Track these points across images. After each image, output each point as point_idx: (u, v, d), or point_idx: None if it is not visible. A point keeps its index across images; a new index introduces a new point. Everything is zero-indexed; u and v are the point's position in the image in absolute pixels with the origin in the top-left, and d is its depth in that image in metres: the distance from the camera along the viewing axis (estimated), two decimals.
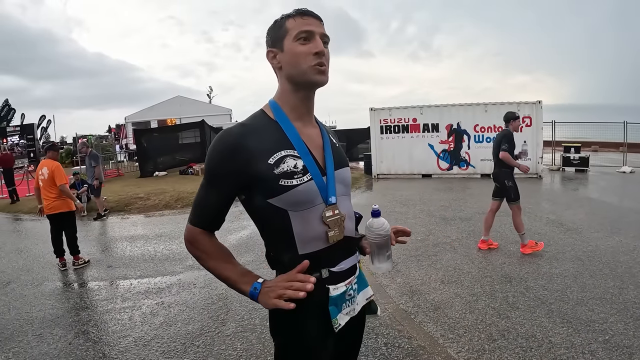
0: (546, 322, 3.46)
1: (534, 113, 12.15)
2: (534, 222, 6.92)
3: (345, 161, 1.41)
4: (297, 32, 1.21)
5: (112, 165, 18.58)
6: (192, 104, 34.33)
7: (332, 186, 1.26)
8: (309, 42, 1.21)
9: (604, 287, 4.13)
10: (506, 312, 3.67)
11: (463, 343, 3.20)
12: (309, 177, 1.20)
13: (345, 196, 1.35)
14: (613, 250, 5.29)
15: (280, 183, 1.17)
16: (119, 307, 4.28)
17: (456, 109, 12.95)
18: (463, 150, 12.96)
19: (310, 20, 1.24)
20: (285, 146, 1.21)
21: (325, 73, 1.25)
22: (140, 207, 9.98)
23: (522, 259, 5.05)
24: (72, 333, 3.75)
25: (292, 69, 1.24)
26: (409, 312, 3.79)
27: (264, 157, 1.18)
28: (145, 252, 6.32)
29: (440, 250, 5.56)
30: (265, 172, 1.17)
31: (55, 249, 5.77)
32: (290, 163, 1.19)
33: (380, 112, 13.66)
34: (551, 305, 3.77)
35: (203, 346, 3.36)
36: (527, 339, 3.20)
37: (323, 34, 1.25)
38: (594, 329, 3.30)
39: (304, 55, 1.21)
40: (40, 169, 5.72)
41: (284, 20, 1.25)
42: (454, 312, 3.73)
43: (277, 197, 1.18)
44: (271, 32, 1.29)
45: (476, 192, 10.16)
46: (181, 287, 4.70)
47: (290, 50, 1.23)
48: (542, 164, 12.69)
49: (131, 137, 26.41)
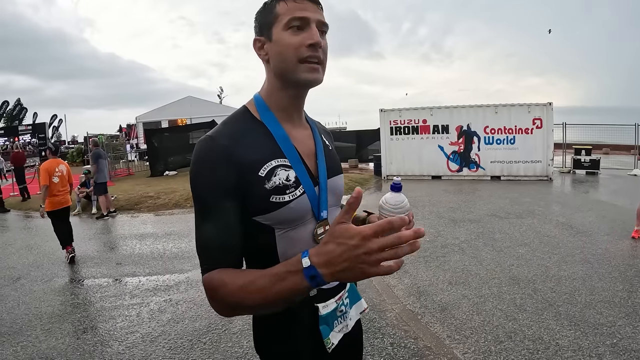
0: (554, 324, 3.44)
1: (544, 115, 12.03)
2: (544, 224, 6.86)
3: (339, 167, 1.25)
4: (288, 19, 1.00)
5: (123, 164, 18.72)
6: (203, 104, 34.48)
7: (324, 199, 1.10)
8: (302, 32, 1.01)
9: (612, 290, 4.10)
10: (513, 314, 3.65)
11: (469, 344, 3.19)
12: (302, 191, 1.04)
13: (335, 207, 1.20)
14: (623, 253, 5.24)
15: (272, 200, 1.00)
16: (127, 304, 4.32)
17: (466, 110, 12.88)
18: (473, 152, 12.88)
19: (306, 4, 1.02)
20: (275, 154, 1.04)
21: (319, 70, 1.04)
22: (150, 206, 10.06)
23: (530, 261, 5.01)
24: (81, 328, 3.81)
25: (280, 63, 1.03)
26: (415, 313, 3.79)
27: (254, 168, 1.00)
28: (154, 250, 6.37)
29: (448, 252, 5.54)
30: (255, 187, 0.99)
31: (63, 240, 6.06)
32: (282, 175, 1.02)
33: (390, 114, 13.63)
34: (559, 308, 3.74)
35: (210, 343, 3.39)
36: (534, 341, 3.18)
37: (320, 22, 1.03)
38: (601, 332, 3.28)
39: (295, 47, 1.00)
40: (57, 166, 5.96)
41: (275, 3, 1.03)
42: (461, 314, 3.72)
43: (265, 215, 1.02)
44: (259, 17, 1.07)
45: (485, 194, 10.09)
46: (189, 285, 4.73)
47: (279, 40, 1.02)
48: (553, 166, 12.58)
49: (142, 137, 26.60)
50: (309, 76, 1.03)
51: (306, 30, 1.01)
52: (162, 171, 16.21)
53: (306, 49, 1.00)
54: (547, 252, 5.36)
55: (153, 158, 16.86)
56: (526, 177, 12.36)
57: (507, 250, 5.49)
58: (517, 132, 12.30)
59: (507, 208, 8.29)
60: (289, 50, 1.01)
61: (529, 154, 12.25)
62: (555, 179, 12.46)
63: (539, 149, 12.16)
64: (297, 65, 1.01)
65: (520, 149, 12.31)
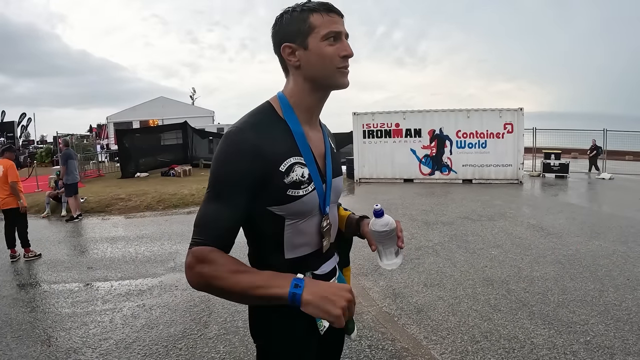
0: (528, 324, 3.51)
1: (515, 120, 12.38)
2: (515, 226, 7.03)
3: (340, 169, 1.38)
4: (326, 32, 1.12)
5: (93, 165, 18.22)
6: (175, 105, 34.09)
7: (329, 196, 1.24)
8: (336, 43, 1.14)
9: (584, 290, 4.22)
10: (488, 314, 3.72)
11: (446, 345, 3.22)
12: (313, 187, 1.17)
13: (334, 204, 1.35)
14: (593, 254, 5.41)
15: (288, 193, 1.12)
16: (100, 309, 4.18)
17: (439, 114, 13.11)
18: (445, 156, 13.12)
19: (337, 18, 1.16)
20: (293, 152, 1.15)
21: (347, 75, 1.19)
22: (121, 208, 9.81)
23: (503, 263, 5.11)
24: (53, 335, 3.66)
25: (316, 71, 1.15)
26: (392, 315, 3.81)
27: (276, 163, 1.11)
28: (126, 253, 6.21)
29: (422, 254, 5.60)
30: (275, 180, 1.11)
31: (7, 241, 6.13)
32: (298, 172, 1.14)
33: (363, 117, 13.74)
34: (533, 308, 3.83)
35: (185, 349, 3.31)
36: (510, 340, 3.25)
37: (347, 34, 1.18)
38: (575, 330, 3.37)
39: (331, 57, 1.13)
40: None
41: (307, 14, 1.13)
42: (437, 315, 3.76)
43: (280, 206, 1.13)
44: (288, 25, 1.16)
45: (458, 197, 10.28)
46: (163, 289, 4.63)
47: (317, 49, 1.13)
48: (523, 170, 12.92)
49: (112, 137, 26.03)
50: (343, 80, 1.18)
51: (339, 41, 1.15)
52: (134, 173, 15.86)
53: (340, 59, 1.15)
54: (519, 253, 5.49)
55: (124, 159, 16.46)
56: (497, 180, 12.67)
57: (480, 252, 5.60)
58: (489, 136, 12.62)
59: (479, 211, 8.46)
60: (327, 59, 1.14)
61: (500, 157, 12.56)
62: (526, 182, 12.82)
63: (509, 153, 12.49)
64: (335, 71, 1.15)
65: (491, 152, 12.62)
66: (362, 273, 4.89)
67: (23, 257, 6.12)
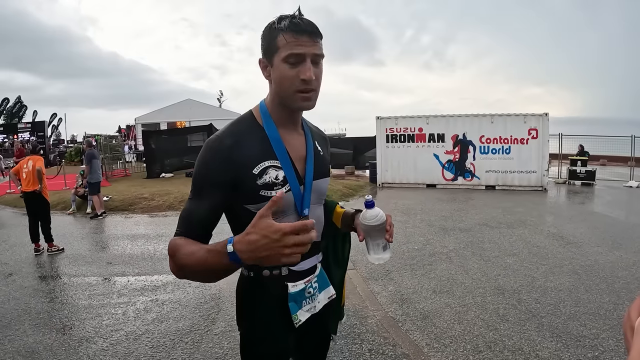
0: (535, 335, 3.44)
1: (540, 125, 12.10)
2: (534, 234, 6.89)
3: (327, 171, 1.42)
4: (286, 55, 1.13)
5: (120, 165, 18.73)
6: (202, 107, 34.60)
7: (307, 197, 1.29)
8: (298, 66, 1.14)
9: (598, 302, 4.10)
10: (495, 324, 3.66)
11: (448, 353, 3.20)
12: (288, 189, 1.23)
13: (318, 204, 1.39)
14: (612, 265, 5.25)
15: (261, 193, 1.19)
16: (115, 302, 4.34)
17: (462, 119, 12.95)
18: (468, 161, 12.93)
19: (303, 39, 1.13)
20: (269, 156, 1.22)
21: (310, 99, 1.20)
22: (144, 207, 10.07)
23: (517, 272, 5.02)
24: (68, 324, 3.84)
25: (278, 89, 1.20)
26: (396, 320, 3.80)
27: (249, 167, 1.19)
28: (145, 250, 6.39)
29: (435, 260, 5.56)
30: (248, 182, 1.19)
31: (32, 236, 6.48)
32: (272, 174, 1.21)
33: (386, 121, 13.69)
34: (542, 319, 3.75)
35: (191, 343, 3.41)
36: (514, 351, 3.19)
37: (315, 55, 1.16)
38: (584, 345, 3.28)
39: (290, 79, 1.15)
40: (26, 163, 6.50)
41: (276, 34, 1.15)
42: (442, 322, 3.73)
43: (255, 205, 1.19)
44: (264, 39, 1.20)
45: (479, 204, 10.13)
46: (176, 286, 4.75)
47: (277, 69, 1.17)
48: (548, 177, 12.62)
49: (140, 138, 26.64)
50: (302, 104, 1.21)
51: (301, 65, 1.15)
52: (159, 173, 16.22)
53: (300, 82, 1.16)
54: (535, 262, 5.38)
55: (150, 160, 16.87)
56: (521, 187, 12.41)
57: (495, 260, 5.51)
58: (513, 142, 12.38)
59: (499, 218, 8.32)
60: (286, 81, 1.17)
61: (524, 164, 12.31)
62: (551, 190, 12.50)
63: (534, 159, 12.22)
64: (293, 94, 1.18)
65: (515, 158, 12.37)
66: (372, 277, 4.89)
67: (47, 251, 6.40)
